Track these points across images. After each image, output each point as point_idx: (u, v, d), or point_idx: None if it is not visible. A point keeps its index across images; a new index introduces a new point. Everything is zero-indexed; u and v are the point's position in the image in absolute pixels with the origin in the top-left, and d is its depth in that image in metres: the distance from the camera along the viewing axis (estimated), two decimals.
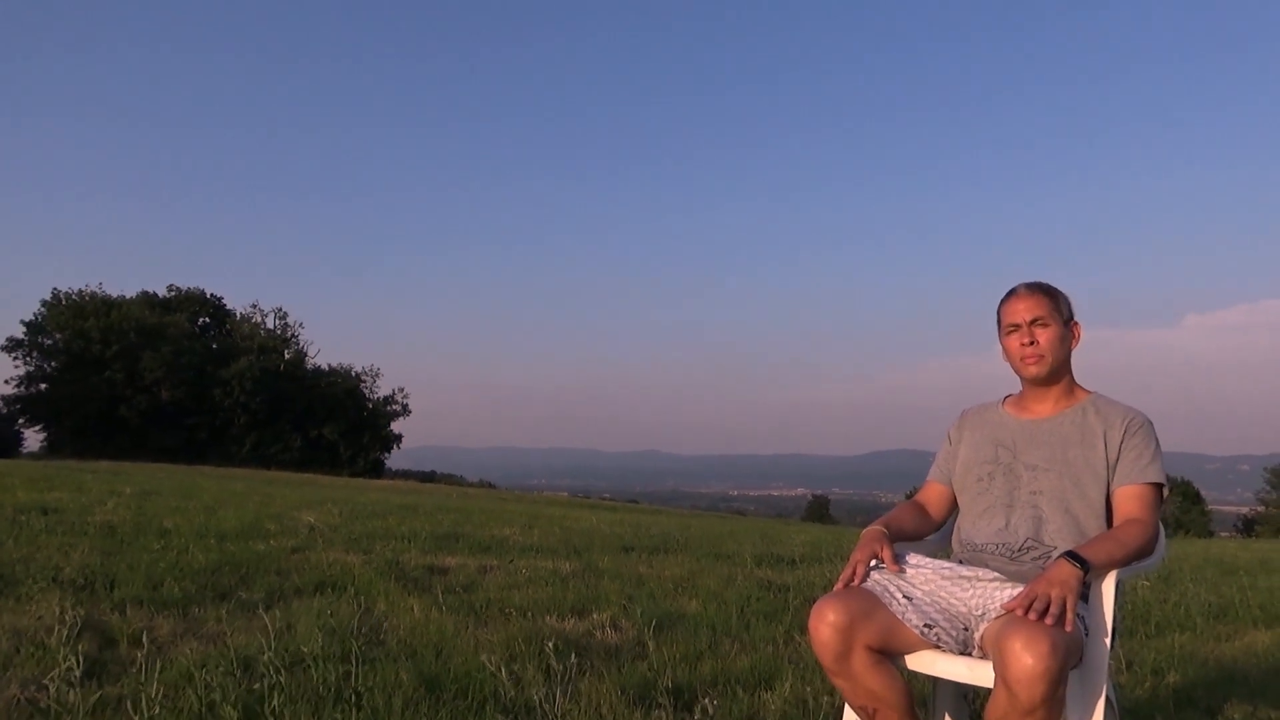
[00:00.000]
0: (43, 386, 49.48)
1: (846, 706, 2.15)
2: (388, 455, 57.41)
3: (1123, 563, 2.06)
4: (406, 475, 50.85)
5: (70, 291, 51.28)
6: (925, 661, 2.06)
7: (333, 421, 53.30)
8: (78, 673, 2.70)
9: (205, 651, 3.18)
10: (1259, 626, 5.11)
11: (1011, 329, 2.27)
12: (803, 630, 4.14)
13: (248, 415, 51.87)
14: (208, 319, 58.50)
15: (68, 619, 3.37)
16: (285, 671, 2.89)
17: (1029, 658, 1.75)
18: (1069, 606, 1.87)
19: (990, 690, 1.88)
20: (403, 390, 57.83)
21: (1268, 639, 4.72)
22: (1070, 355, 2.30)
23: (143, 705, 2.54)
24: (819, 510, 61.25)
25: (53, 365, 49.77)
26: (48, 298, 50.76)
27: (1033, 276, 2.35)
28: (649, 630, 3.87)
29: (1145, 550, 2.11)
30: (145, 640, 3.17)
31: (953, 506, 2.42)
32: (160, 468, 28.51)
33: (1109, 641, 2.02)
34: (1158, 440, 2.22)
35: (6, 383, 48.73)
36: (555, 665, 3.07)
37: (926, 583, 2.11)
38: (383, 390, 57.87)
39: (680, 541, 8.57)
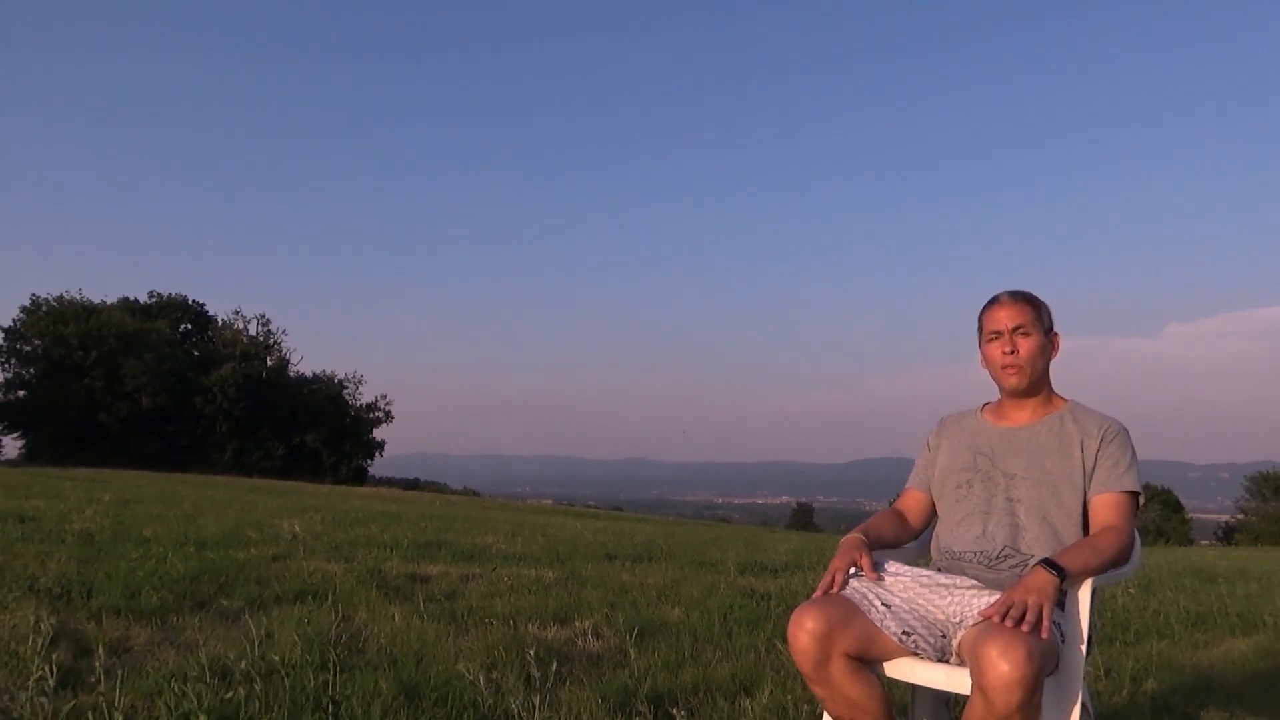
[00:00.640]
0: (21, 393, 48.96)
1: (825, 715, 2.15)
2: (370, 462, 57.14)
3: (1099, 570, 2.08)
4: (390, 483, 50.62)
5: (49, 297, 50.80)
6: (904, 669, 2.07)
7: (315, 429, 52.98)
8: (51, 682, 2.66)
9: (181, 660, 3.15)
10: (1237, 634, 5.16)
11: (993, 336, 2.29)
12: (784, 638, 4.14)
13: (229, 422, 51.49)
14: (189, 325, 58.09)
15: (43, 628, 3.33)
16: (262, 679, 2.86)
17: (1005, 665, 1.76)
18: (1045, 614, 1.88)
19: (968, 697, 1.89)
20: (385, 397, 57.70)
21: (1245, 646, 4.76)
22: (1049, 365, 2.32)
23: (115, 716, 2.51)
24: (803, 518, 61.33)
25: (31, 372, 49.25)
26: (26, 304, 50.31)
27: (1017, 285, 2.37)
28: (631, 638, 3.86)
29: (1122, 558, 2.12)
30: (121, 649, 3.13)
31: (932, 513, 2.43)
32: (140, 475, 28.28)
33: (1085, 648, 2.03)
34: (1134, 449, 2.24)
35: None
36: (535, 673, 3.06)
37: (905, 590, 2.12)
38: (365, 397, 57.68)
39: (664, 549, 8.57)
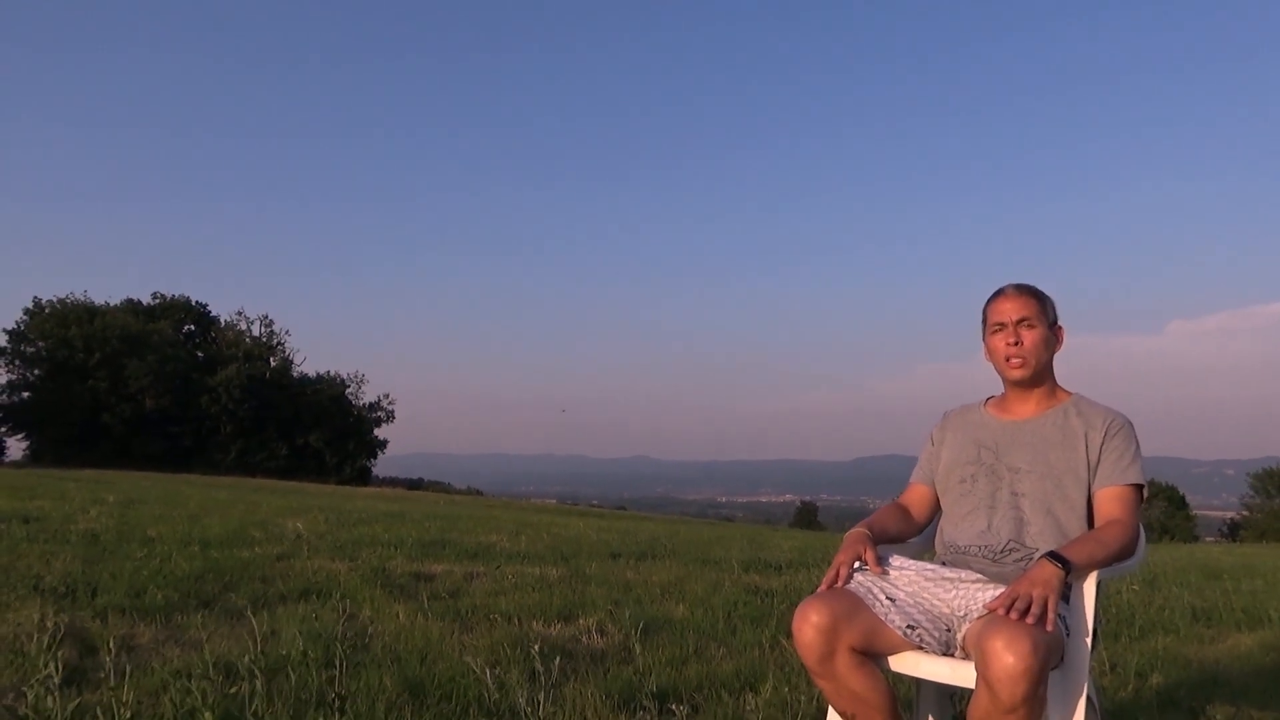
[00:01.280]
0: (25, 395, 49.07)
1: (830, 709, 2.15)
2: (373, 461, 57.23)
3: (1104, 563, 2.07)
4: (394, 483, 50.68)
5: (53, 299, 50.95)
6: (908, 663, 2.07)
7: (318, 429, 53.05)
8: (57, 680, 2.66)
9: (186, 657, 3.16)
10: (1242, 629, 5.15)
11: (997, 328, 2.28)
12: (788, 634, 4.13)
13: (233, 423, 51.58)
14: (193, 326, 58.15)
15: (48, 626, 3.34)
16: (266, 676, 2.87)
17: (1010, 657, 1.76)
18: (1050, 606, 1.88)
19: (973, 691, 1.89)
20: (388, 396, 57.84)
21: (1250, 641, 4.75)
22: (1053, 359, 2.32)
23: (118, 712, 2.51)
24: (807, 516, 61.31)
25: (35, 373, 49.36)
26: (30, 305, 50.42)
27: (1021, 282, 2.36)
28: (635, 635, 3.86)
29: (1127, 551, 2.12)
30: (126, 647, 3.14)
31: (936, 508, 2.43)
32: (144, 476, 28.33)
33: (1090, 642, 2.03)
34: (1138, 442, 2.24)
35: None
36: (540, 669, 3.07)
37: (909, 584, 2.11)
38: (368, 397, 57.78)
39: (668, 547, 8.57)
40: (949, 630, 2.06)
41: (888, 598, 2.08)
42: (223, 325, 57.73)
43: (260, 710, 2.59)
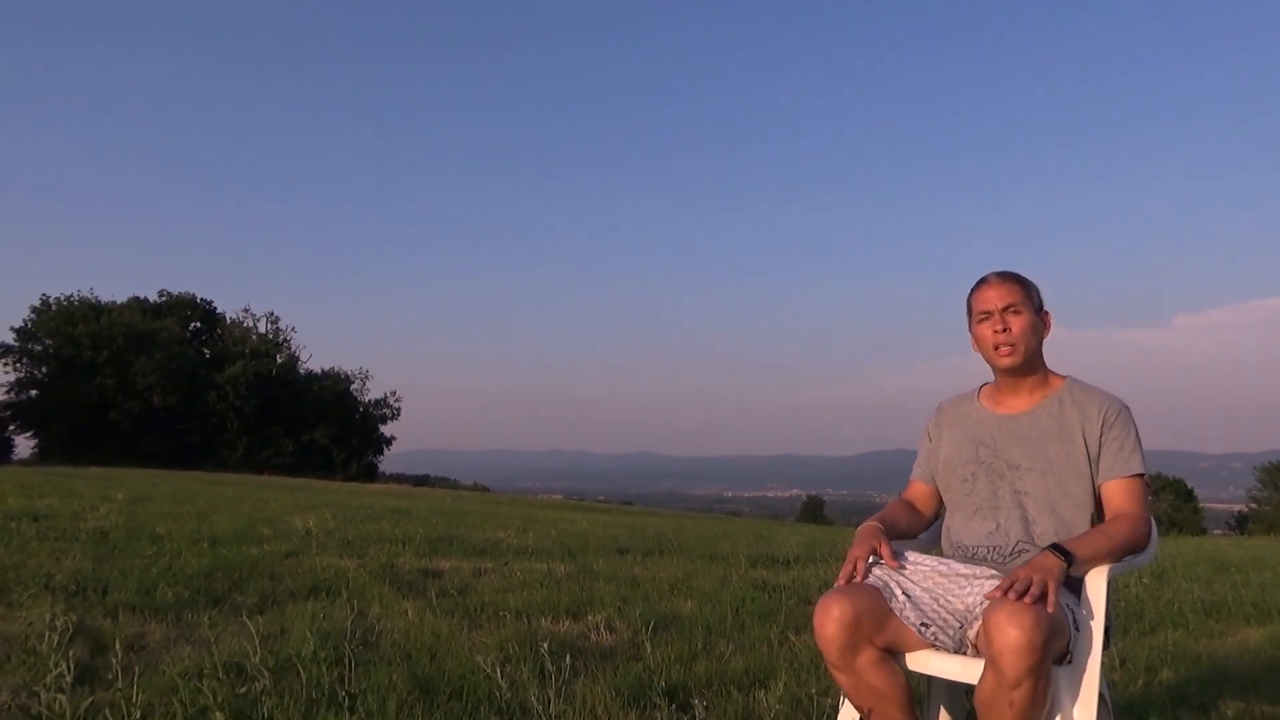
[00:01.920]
0: (33, 393, 49.22)
1: (843, 705, 2.14)
2: (380, 458, 57.34)
3: (1112, 556, 2.05)
4: (400, 479, 50.73)
5: (60, 297, 51.06)
6: (920, 660, 2.06)
7: (324, 425, 53.16)
8: (69, 679, 2.68)
9: (197, 656, 3.17)
10: (1251, 623, 5.14)
11: (983, 316, 2.23)
12: (797, 630, 4.14)
13: (240, 420, 51.70)
14: (199, 324, 58.25)
15: (59, 625, 3.35)
16: (277, 674, 2.87)
17: (1013, 630, 1.76)
18: (1051, 590, 1.87)
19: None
20: (394, 393, 57.89)
21: (1260, 635, 4.74)
22: (1042, 345, 2.26)
23: (133, 712, 2.52)
24: (814, 511, 61.26)
25: (43, 371, 49.52)
26: (37, 304, 50.56)
27: (1029, 278, 2.33)
28: (645, 632, 3.86)
29: (1138, 543, 2.09)
30: (137, 646, 3.15)
31: (940, 503, 2.41)
32: (152, 473, 28.41)
33: (1103, 638, 2.02)
34: (1136, 427, 2.19)
35: None
36: (550, 667, 3.07)
37: (925, 580, 2.10)
38: (374, 393, 57.87)
39: (675, 543, 8.58)
40: (962, 627, 2.05)
41: (904, 593, 2.07)
42: (229, 323, 57.83)
43: (272, 710, 2.60)
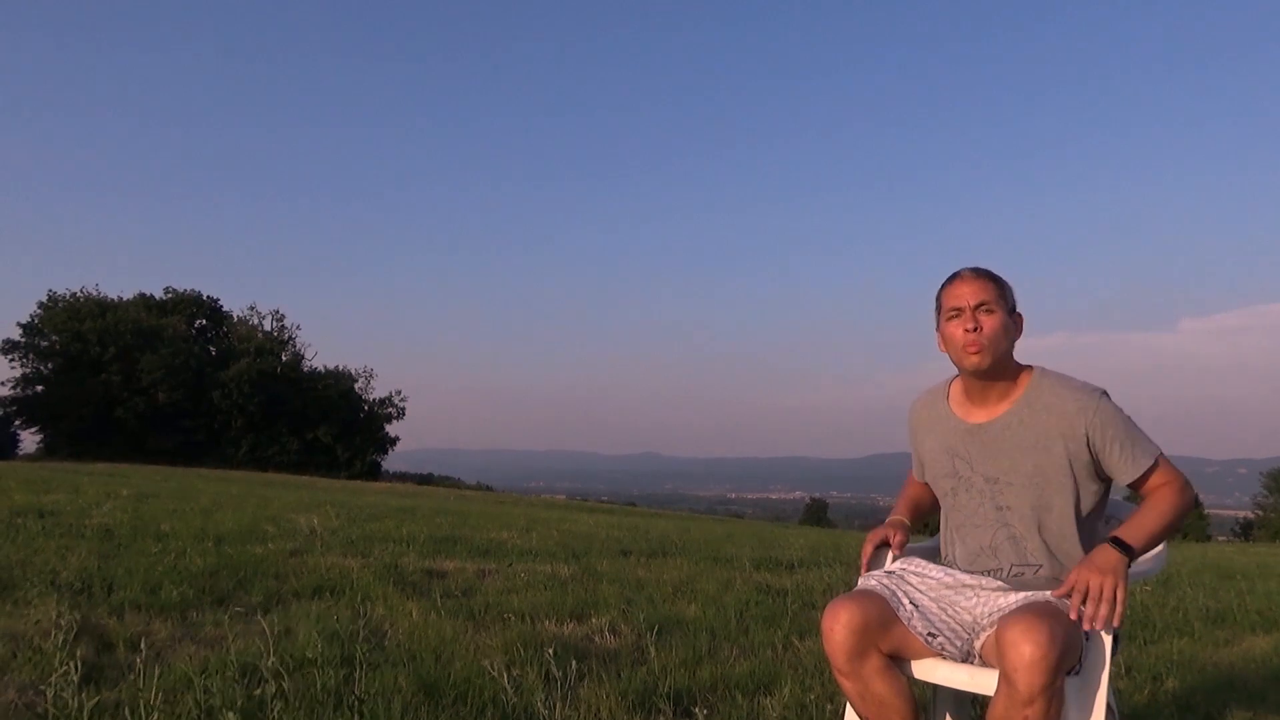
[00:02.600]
0: (39, 389, 49.39)
1: (847, 712, 2.14)
2: (384, 457, 57.44)
3: (1166, 533, 2.01)
4: (404, 478, 50.80)
5: (66, 293, 51.27)
6: (927, 669, 2.06)
7: (328, 423, 53.25)
8: (75, 677, 2.68)
9: (205, 656, 3.17)
10: (1257, 632, 5.12)
11: (954, 314, 2.09)
12: (802, 635, 4.13)
13: (244, 417, 51.81)
14: (205, 321, 58.43)
15: (65, 623, 3.36)
16: (286, 676, 2.88)
17: (1027, 645, 1.75)
18: (1120, 598, 1.85)
19: (990, 698, 1.88)
20: (399, 392, 58.00)
21: (1266, 644, 4.72)
22: (1012, 348, 2.13)
23: (141, 711, 2.53)
24: (817, 513, 61.23)
25: (49, 367, 49.68)
26: (44, 300, 50.75)
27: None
28: (649, 635, 3.86)
29: (1188, 504, 2.04)
30: (142, 644, 3.15)
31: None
32: (157, 470, 28.49)
33: (1111, 647, 2.01)
34: (1122, 411, 2.06)
35: (3, 385, 48.71)
36: (555, 671, 3.06)
37: (932, 589, 2.10)
38: (378, 392, 57.98)
39: (679, 545, 8.57)
40: (970, 638, 2.04)
41: (911, 602, 2.07)
42: (234, 320, 58.01)
43: (280, 712, 2.60)
